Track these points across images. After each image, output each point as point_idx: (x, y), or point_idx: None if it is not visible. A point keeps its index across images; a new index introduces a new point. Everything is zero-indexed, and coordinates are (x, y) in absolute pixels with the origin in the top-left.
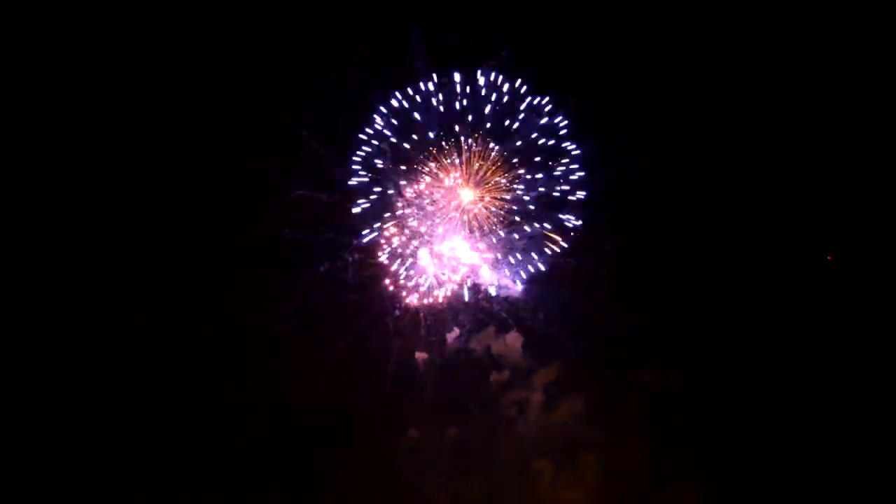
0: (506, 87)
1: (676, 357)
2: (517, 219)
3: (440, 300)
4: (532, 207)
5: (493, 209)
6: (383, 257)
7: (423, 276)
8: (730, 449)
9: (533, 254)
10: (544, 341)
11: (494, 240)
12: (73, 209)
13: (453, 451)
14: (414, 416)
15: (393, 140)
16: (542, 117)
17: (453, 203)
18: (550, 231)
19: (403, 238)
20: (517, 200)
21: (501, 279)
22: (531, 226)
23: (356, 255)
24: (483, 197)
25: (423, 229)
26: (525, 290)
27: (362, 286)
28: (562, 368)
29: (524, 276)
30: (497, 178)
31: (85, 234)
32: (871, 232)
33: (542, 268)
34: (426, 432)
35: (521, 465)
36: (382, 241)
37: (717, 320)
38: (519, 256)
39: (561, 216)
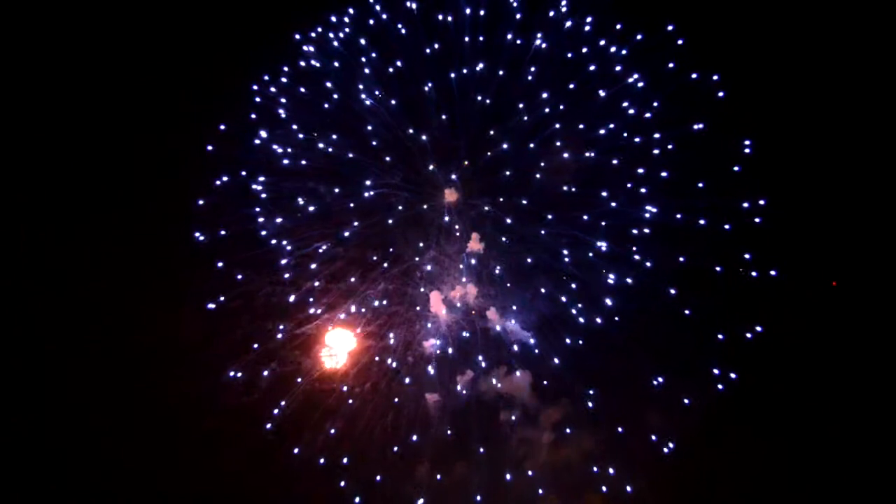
0: None
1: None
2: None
3: (451, 344)
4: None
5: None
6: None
7: (435, 322)
8: (737, 489)
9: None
10: (553, 382)
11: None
12: None
13: (463, 490)
14: (425, 456)
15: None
16: None
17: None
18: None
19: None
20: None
21: (508, 324)
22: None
23: (369, 302)
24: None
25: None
26: (534, 334)
27: (375, 332)
28: (570, 408)
29: (532, 321)
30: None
31: None
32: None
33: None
34: (437, 471)
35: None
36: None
37: (726, 361)
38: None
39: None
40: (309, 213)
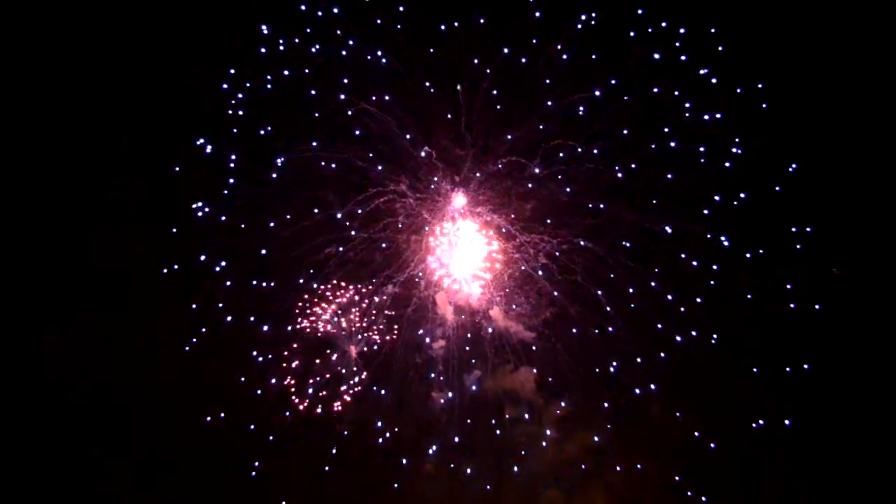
0: None
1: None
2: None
3: (457, 344)
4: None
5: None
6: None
7: (442, 324)
8: (740, 484)
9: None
10: (557, 378)
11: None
12: None
13: (467, 483)
14: (430, 452)
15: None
16: None
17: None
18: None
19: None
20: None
21: (510, 323)
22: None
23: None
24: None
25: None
26: (537, 334)
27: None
28: (574, 405)
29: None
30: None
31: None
32: None
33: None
34: (442, 467)
35: (533, 497)
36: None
37: (729, 356)
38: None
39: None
40: (314, 220)
